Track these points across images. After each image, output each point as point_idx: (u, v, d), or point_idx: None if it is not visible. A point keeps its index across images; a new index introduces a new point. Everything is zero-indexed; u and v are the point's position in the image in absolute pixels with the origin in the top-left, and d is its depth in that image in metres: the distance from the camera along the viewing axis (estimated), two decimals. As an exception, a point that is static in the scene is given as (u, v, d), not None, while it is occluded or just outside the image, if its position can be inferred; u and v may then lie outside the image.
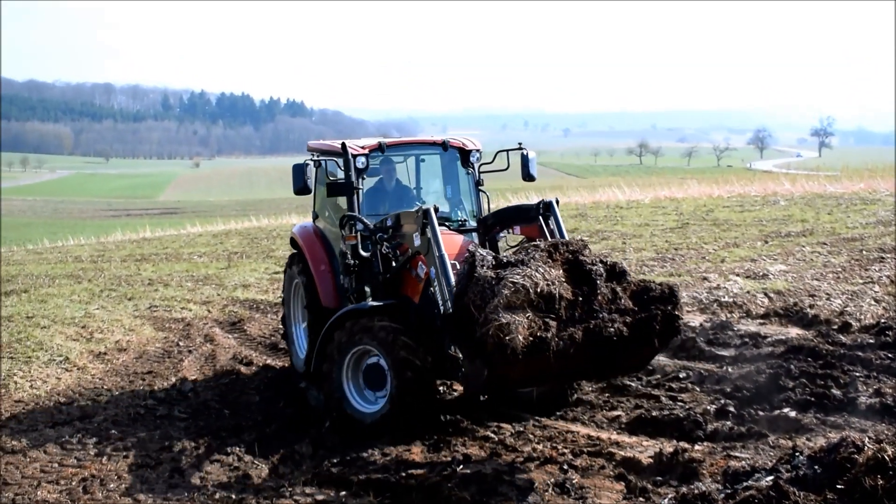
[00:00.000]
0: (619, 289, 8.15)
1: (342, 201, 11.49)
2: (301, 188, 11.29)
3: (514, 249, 9.30)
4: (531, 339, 7.41)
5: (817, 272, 17.79)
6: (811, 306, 14.65)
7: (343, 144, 11.22)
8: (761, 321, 14.17)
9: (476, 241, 11.12)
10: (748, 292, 16.01)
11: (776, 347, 12.22)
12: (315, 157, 11.93)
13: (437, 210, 9.55)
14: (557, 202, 10.58)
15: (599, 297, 7.98)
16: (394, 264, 10.53)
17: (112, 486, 8.68)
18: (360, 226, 10.73)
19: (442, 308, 9.08)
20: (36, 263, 29.00)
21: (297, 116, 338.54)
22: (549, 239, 9.80)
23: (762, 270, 18.09)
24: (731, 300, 15.50)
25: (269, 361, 13.54)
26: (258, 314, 17.17)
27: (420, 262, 9.99)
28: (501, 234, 11.35)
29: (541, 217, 10.39)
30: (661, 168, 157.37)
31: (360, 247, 10.71)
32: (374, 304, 10.17)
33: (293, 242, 12.75)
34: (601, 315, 7.84)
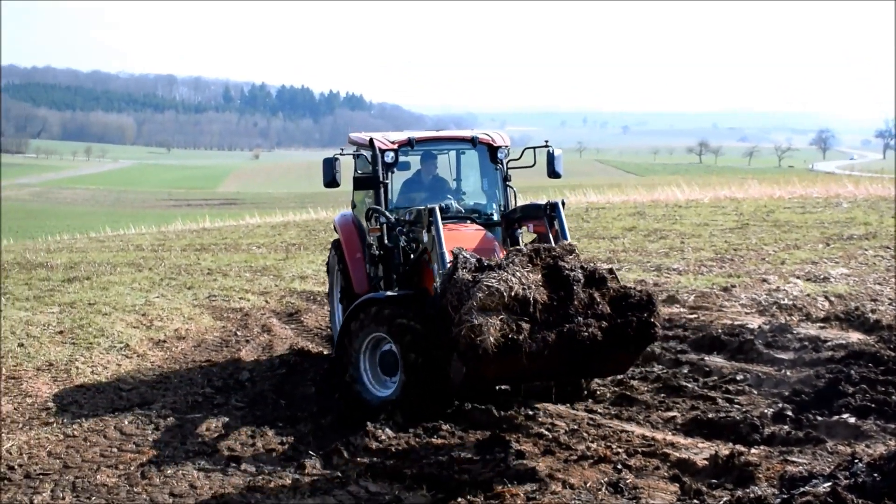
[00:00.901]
0: (597, 294, 8.25)
1: (372, 194, 11.63)
2: (330, 181, 11.54)
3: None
4: (502, 340, 7.56)
5: (880, 276, 17.56)
6: (873, 311, 14.46)
7: (371, 139, 11.46)
8: (821, 325, 13.99)
9: (499, 236, 11.45)
10: (808, 295, 15.84)
11: (836, 352, 12.06)
12: (354, 151, 12.17)
13: (444, 210, 9.84)
14: (563, 204, 10.63)
15: (576, 302, 8.09)
16: (412, 256, 10.80)
17: (169, 471, 8.78)
18: (383, 218, 10.97)
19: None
20: (98, 251, 29.40)
21: (357, 110, 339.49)
22: (552, 239, 10.29)
23: (823, 273, 17.88)
24: (790, 303, 15.34)
25: (325, 352, 13.61)
26: (315, 305, 17.29)
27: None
28: (520, 231, 11.67)
29: (546, 218, 10.57)
30: (721, 167, 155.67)
31: (384, 238, 10.99)
32: (389, 293, 10.54)
33: (335, 229, 13.07)
34: (576, 319, 7.97)
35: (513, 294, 7.75)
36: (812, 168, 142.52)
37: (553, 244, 9.55)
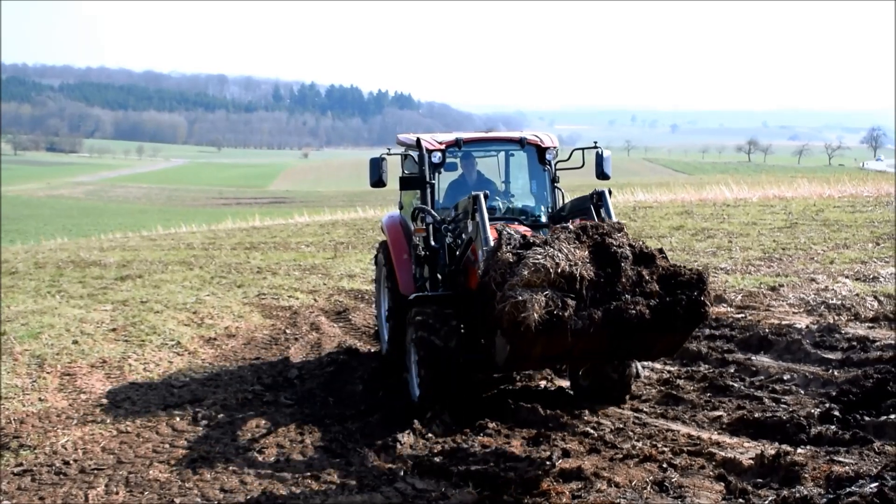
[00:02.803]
0: (645, 272, 7.95)
1: (419, 194, 11.56)
2: (377, 181, 11.52)
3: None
4: (547, 317, 7.28)
5: (930, 276, 17.34)
6: (923, 311, 14.30)
7: (418, 139, 11.37)
8: (870, 325, 13.85)
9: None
10: (857, 295, 15.69)
11: (885, 352, 11.94)
12: (402, 151, 12.24)
13: (491, 211, 9.76)
14: (610, 192, 10.36)
15: (623, 280, 7.80)
16: (457, 253, 10.56)
17: (220, 467, 8.87)
18: (429, 218, 10.86)
19: None
20: (150, 249, 29.73)
21: (405, 109, 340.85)
22: None
23: (873, 273, 17.69)
24: (839, 302, 15.20)
25: (372, 350, 13.69)
26: (363, 304, 17.37)
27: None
28: None
29: (593, 207, 10.28)
30: (770, 166, 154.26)
31: (430, 238, 10.85)
32: (421, 294, 10.55)
33: (382, 230, 12.97)
34: (624, 297, 7.69)
35: (559, 270, 7.45)
36: (863, 166, 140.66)
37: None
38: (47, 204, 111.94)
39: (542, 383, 11.38)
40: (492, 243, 8.89)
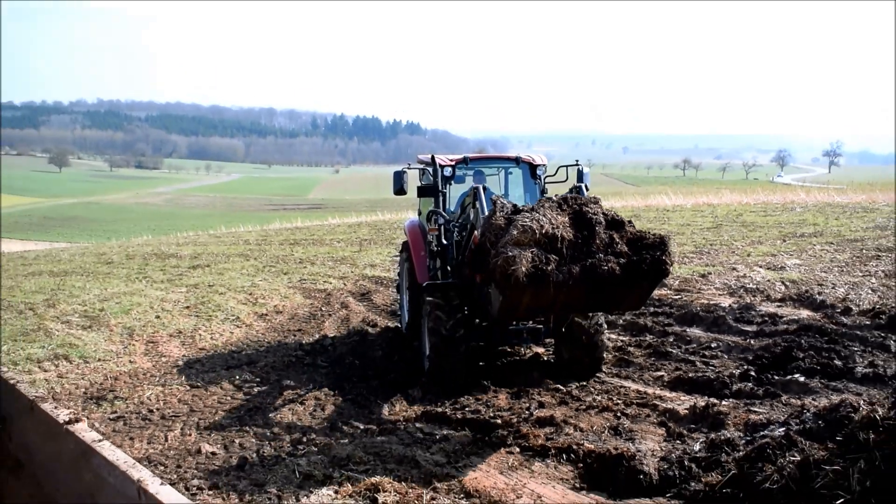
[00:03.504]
0: (616, 236, 7.61)
1: (433, 201, 11.43)
2: (398, 189, 11.39)
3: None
4: (533, 270, 7.01)
5: (825, 266, 17.32)
6: (819, 293, 14.28)
7: (433, 157, 11.24)
8: (778, 304, 13.86)
9: None
10: (768, 280, 15.68)
11: (790, 325, 11.95)
12: (420, 167, 12.11)
13: (485, 189, 9.31)
14: (587, 188, 10.13)
15: (598, 241, 7.47)
16: (462, 245, 10.32)
17: (270, 415, 8.89)
18: (441, 220, 10.71)
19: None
20: (215, 245, 29.72)
21: (415, 134, 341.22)
22: None
23: (780, 263, 17.68)
24: (754, 287, 15.19)
25: (389, 324, 13.68)
26: (382, 287, 17.36)
27: None
28: None
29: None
30: (700, 179, 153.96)
31: (441, 236, 10.68)
32: (433, 282, 10.30)
33: (405, 233, 12.80)
34: (598, 256, 7.36)
35: (543, 231, 7.19)
36: (773, 180, 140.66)
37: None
38: (135, 209, 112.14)
39: (528, 354, 11.36)
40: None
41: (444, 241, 10.65)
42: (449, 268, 10.66)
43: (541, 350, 11.43)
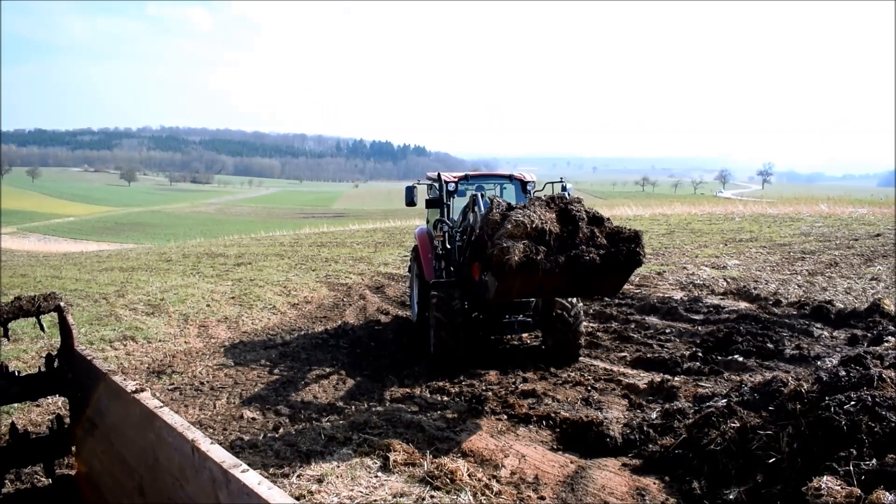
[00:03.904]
0: (597, 230, 7.38)
1: (438, 212, 11.24)
2: (409, 202, 11.25)
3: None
4: (524, 259, 6.81)
5: (759, 265, 17.30)
6: (755, 288, 14.27)
7: (439, 174, 11.09)
8: (721, 297, 13.83)
9: None
10: (713, 277, 15.65)
11: (731, 315, 11.93)
12: (428, 182, 11.91)
13: (483, 195, 9.16)
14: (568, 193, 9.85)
15: (581, 235, 7.24)
16: (466, 254, 10.04)
17: (300, 387, 8.86)
18: (445, 227, 10.53)
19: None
20: (256, 246, 29.67)
21: (421, 156, 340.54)
22: None
23: (723, 263, 17.65)
24: (701, 282, 15.17)
25: (400, 313, 13.64)
26: (393, 282, 17.32)
27: None
28: None
29: None
30: (656, 194, 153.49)
31: (446, 241, 10.49)
32: (438, 280, 9.99)
33: (415, 238, 12.47)
34: (581, 247, 7.12)
35: (533, 226, 7.00)
36: (716, 195, 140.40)
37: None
38: (191, 217, 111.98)
39: (517, 342, 11.33)
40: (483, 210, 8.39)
41: (448, 246, 10.48)
42: (452, 268, 10.47)
43: (528, 339, 11.34)
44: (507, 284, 7.20)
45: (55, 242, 63.21)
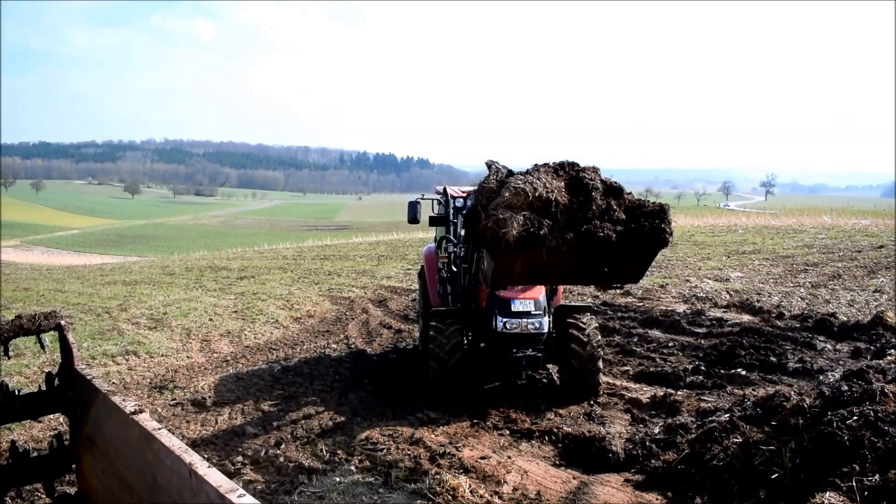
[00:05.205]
0: (614, 203, 6.33)
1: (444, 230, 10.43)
2: (412, 218, 10.07)
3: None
4: (524, 233, 5.85)
5: (763, 278, 17.29)
6: (758, 301, 14.26)
7: (444, 189, 10.27)
8: (724, 309, 13.82)
9: None
10: (716, 290, 15.64)
11: (734, 328, 11.92)
12: (434, 198, 11.16)
13: None
14: None
15: (594, 208, 6.20)
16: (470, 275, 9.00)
17: (302, 401, 8.82)
18: (451, 247, 9.64)
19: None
20: (259, 259, 29.74)
21: (424, 168, 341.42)
22: None
23: (726, 276, 17.65)
24: (704, 295, 15.16)
25: (402, 327, 13.62)
26: (396, 296, 17.33)
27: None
28: None
29: None
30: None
31: (451, 263, 9.67)
32: (438, 309, 8.96)
33: (423, 258, 11.48)
34: (594, 222, 6.12)
35: (536, 195, 5.97)
36: (720, 206, 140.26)
37: None
38: (194, 229, 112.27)
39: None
40: None
41: (454, 269, 9.63)
42: (458, 292, 9.52)
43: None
44: (505, 263, 6.29)
45: (59, 255, 63.43)
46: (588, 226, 6.08)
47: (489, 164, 6.63)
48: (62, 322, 4.41)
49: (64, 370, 4.41)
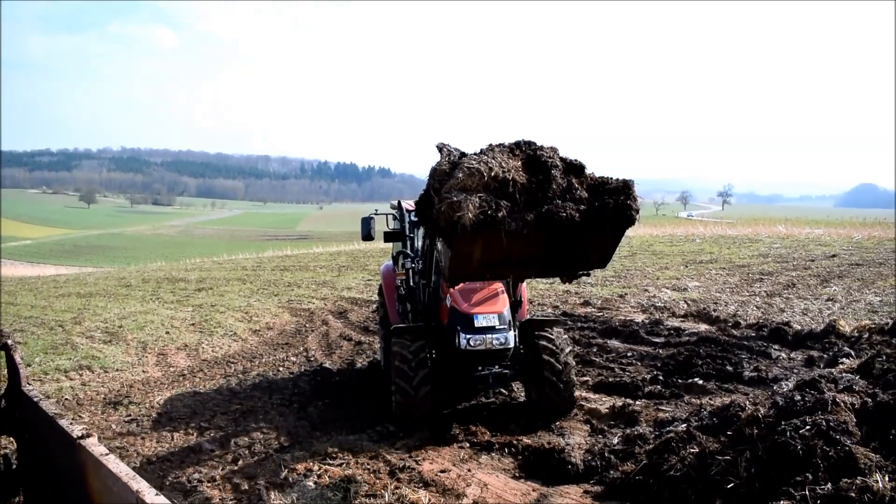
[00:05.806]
0: (575, 181, 5.91)
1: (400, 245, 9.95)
2: (366, 235, 9.62)
3: None
4: (481, 217, 5.41)
5: (719, 287, 17.57)
6: (715, 310, 14.48)
7: (399, 202, 9.90)
8: (682, 319, 14.01)
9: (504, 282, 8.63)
10: (674, 300, 15.85)
11: (691, 337, 12.07)
12: (389, 213, 10.80)
13: None
14: None
15: (554, 186, 5.78)
16: (428, 292, 8.73)
17: (261, 416, 8.71)
18: (408, 263, 9.35)
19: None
20: (218, 270, 29.32)
21: (386, 178, 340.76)
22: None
23: (683, 286, 17.89)
24: (662, 305, 15.34)
25: (363, 338, 13.54)
26: (356, 307, 17.22)
27: (447, 291, 8.25)
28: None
29: None
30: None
31: (409, 280, 9.40)
32: (399, 325, 8.54)
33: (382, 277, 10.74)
34: (555, 202, 5.70)
35: (492, 175, 5.55)
36: (678, 216, 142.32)
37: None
38: (152, 239, 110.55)
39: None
40: None
41: (412, 285, 9.35)
42: (419, 309, 9.17)
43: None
44: (462, 251, 5.79)
45: (11, 266, 61.83)
46: (549, 206, 5.71)
47: (440, 147, 6.13)
48: (9, 342, 4.29)
49: (11, 391, 4.29)
